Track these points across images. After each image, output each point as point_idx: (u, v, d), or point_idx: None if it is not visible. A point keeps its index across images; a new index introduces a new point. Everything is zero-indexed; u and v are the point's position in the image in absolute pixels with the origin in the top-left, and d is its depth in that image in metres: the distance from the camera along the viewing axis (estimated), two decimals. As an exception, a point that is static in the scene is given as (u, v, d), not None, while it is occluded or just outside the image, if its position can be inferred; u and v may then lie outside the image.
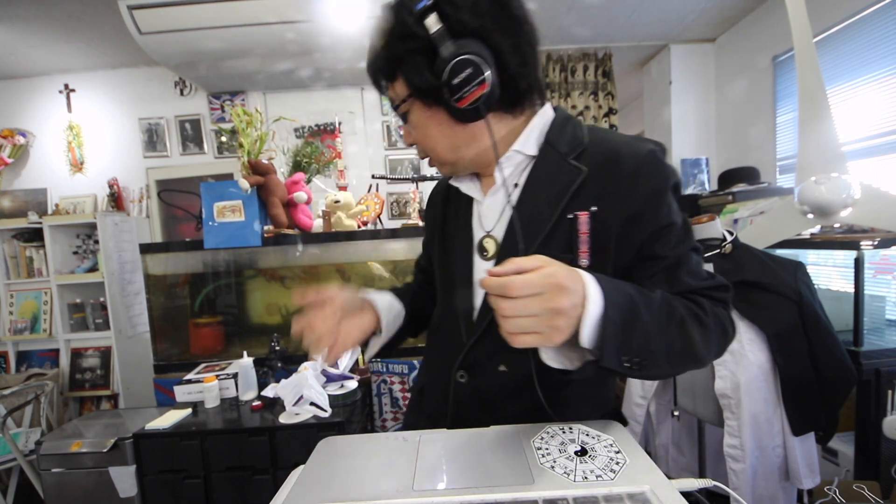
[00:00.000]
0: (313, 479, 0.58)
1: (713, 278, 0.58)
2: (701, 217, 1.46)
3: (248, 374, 1.89)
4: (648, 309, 0.49)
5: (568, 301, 0.44)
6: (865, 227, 1.57)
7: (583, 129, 0.62)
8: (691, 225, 0.61)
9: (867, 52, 2.00)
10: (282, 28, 2.20)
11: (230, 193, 1.98)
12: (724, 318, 0.55)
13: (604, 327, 0.46)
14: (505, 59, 0.54)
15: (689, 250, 0.57)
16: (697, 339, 0.51)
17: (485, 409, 0.67)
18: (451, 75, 0.51)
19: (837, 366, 1.24)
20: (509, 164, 0.62)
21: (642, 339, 0.48)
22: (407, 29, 0.53)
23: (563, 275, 0.45)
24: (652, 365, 0.49)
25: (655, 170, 0.56)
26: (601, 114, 3.17)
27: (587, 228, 0.56)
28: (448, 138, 0.60)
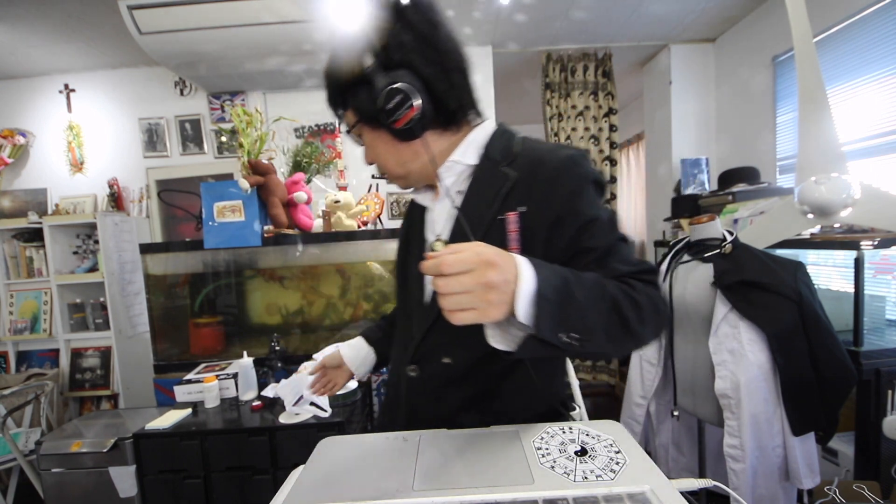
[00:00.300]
0: (313, 479, 0.58)
1: (642, 264, 0.62)
2: (701, 217, 1.46)
3: (248, 374, 1.89)
4: (582, 287, 0.53)
5: (498, 275, 0.48)
6: (865, 227, 1.57)
7: (516, 140, 0.70)
8: (618, 219, 0.66)
9: (867, 52, 2.00)
10: (282, 28, 2.19)
11: (230, 193, 1.98)
12: (654, 296, 0.58)
13: (538, 302, 0.49)
14: (432, 86, 0.63)
15: (617, 240, 0.62)
16: (631, 316, 0.54)
17: (434, 401, 0.72)
18: (385, 102, 0.60)
19: (837, 366, 1.23)
20: (451, 174, 0.70)
21: (578, 316, 0.51)
22: (348, 67, 0.64)
23: (493, 252, 0.49)
24: (593, 341, 0.52)
25: (573, 172, 0.63)
26: (601, 114, 3.17)
27: (516, 227, 0.63)
28: (395, 156, 0.69)
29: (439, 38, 0.64)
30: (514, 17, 2.64)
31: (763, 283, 1.26)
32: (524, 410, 0.71)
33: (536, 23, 2.73)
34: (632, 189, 4.41)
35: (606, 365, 3.31)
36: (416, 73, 0.62)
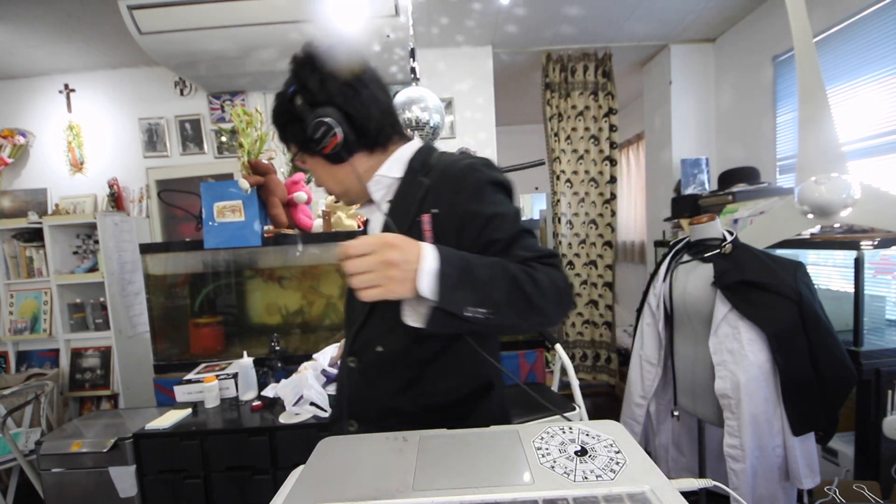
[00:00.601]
0: (313, 479, 0.58)
1: (543, 250, 0.69)
2: (701, 217, 1.46)
3: (248, 374, 1.89)
4: (484, 266, 0.60)
5: (397, 254, 0.55)
6: (865, 227, 1.57)
7: (433, 154, 0.81)
8: (520, 215, 0.74)
9: (867, 52, 2.00)
10: (282, 28, 2.19)
11: (230, 193, 1.98)
12: (554, 275, 0.64)
13: (440, 278, 0.56)
14: (352, 117, 0.74)
15: (520, 232, 0.69)
16: (531, 290, 0.60)
17: (371, 388, 0.80)
18: (313, 133, 0.72)
19: (837, 366, 1.23)
20: (380, 186, 0.81)
21: (481, 291, 0.58)
22: (283, 107, 0.78)
23: (395, 236, 0.57)
24: (498, 314, 0.59)
25: (472, 177, 0.72)
26: (601, 114, 3.17)
27: (429, 227, 0.72)
28: (332, 177, 0.81)
29: (357, 78, 0.76)
30: (514, 17, 2.64)
31: (763, 283, 1.26)
32: (450, 392, 0.78)
33: (536, 23, 2.73)
34: (632, 189, 4.41)
35: (606, 365, 3.31)
36: (337, 107, 0.73)
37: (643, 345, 1.59)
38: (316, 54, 0.75)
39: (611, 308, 3.28)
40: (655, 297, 1.55)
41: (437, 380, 0.77)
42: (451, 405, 0.78)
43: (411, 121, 1.79)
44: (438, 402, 0.77)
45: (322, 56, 0.75)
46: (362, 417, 0.81)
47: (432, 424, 0.73)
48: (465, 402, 0.79)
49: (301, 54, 0.76)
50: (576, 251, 3.29)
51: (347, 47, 0.77)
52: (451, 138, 2.98)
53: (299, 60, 0.76)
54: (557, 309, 0.64)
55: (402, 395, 0.78)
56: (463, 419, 0.76)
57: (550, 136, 3.22)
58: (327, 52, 0.75)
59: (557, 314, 0.65)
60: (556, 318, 0.66)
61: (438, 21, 2.61)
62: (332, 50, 0.76)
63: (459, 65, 2.99)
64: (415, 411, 0.77)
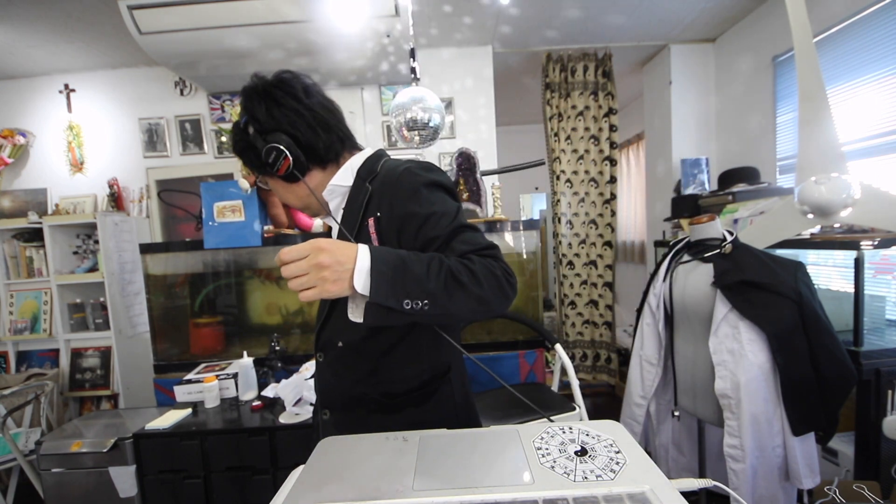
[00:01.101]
0: (313, 479, 0.58)
1: (482, 243, 0.72)
2: (701, 217, 1.46)
3: (248, 374, 1.89)
4: (419, 261, 0.64)
5: (328, 257, 0.60)
6: (865, 227, 1.57)
7: (381, 161, 0.86)
8: (460, 210, 0.77)
9: (867, 52, 2.00)
10: (282, 28, 2.20)
11: (230, 193, 1.98)
12: (490, 264, 0.68)
13: (373, 275, 0.61)
14: (300, 139, 0.81)
15: (459, 227, 0.73)
16: (466, 280, 0.64)
17: (336, 380, 0.87)
18: (266, 158, 0.79)
19: (837, 366, 1.23)
20: (335, 195, 0.87)
21: (416, 283, 0.62)
22: (239, 136, 0.84)
23: (327, 241, 0.62)
24: (436, 304, 0.63)
25: (408, 180, 0.77)
26: (601, 114, 3.17)
27: (374, 229, 0.79)
28: (292, 194, 0.88)
29: (301, 103, 0.82)
30: (514, 17, 2.64)
31: (763, 283, 1.26)
32: (409, 379, 0.84)
33: (536, 23, 2.73)
34: (632, 189, 4.41)
35: (606, 365, 3.31)
36: (285, 133, 0.80)
37: (643, 345, 1.59)
38: (262, 86, 0.81)
39: (611, 308, 3.28)
40: (655, 297, 1.55)
41: (395, 368, 0.83)
42: (411, 391, 0.84)
43: (412, 121, 1.79)
44: (399, 388, 0.83)
45: (267, 86, 0.81)
46: (332, 406, 0.89)
47: (394, 409, 0.83)
48: (425, 387, 0.85)
49: (249, 85, 0.82)
50: (576, 251, 3.29)
51: (296, 72, 0.85)
52: (451, 138, 2.98)
53: (248, 92, 0.82)
54: (498, 296, 0.67)
55: (364, 384, 0.84)
56: (424, 402, 0.84)
57: (550, 136, 3.22)
58: (273, 82, 0.82)
59: (498, 301, 0.68)
60: (497, 304, 0.68)
61: (438, 21, 2.61)
62: (279, 76, 0.83)
63: (459, 65, 2.99)
64: (377, 398, 0.84)
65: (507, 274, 0.70)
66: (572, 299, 3.31)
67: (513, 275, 0.71)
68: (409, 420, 0.81)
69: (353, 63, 2.59)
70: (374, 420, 0.83)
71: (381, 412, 0.83)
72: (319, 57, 2.47)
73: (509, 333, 2.17)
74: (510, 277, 0.70)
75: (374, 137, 2.98)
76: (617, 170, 3.24)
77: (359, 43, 2.37)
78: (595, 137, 3.20)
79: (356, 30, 2.25)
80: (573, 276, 3.30)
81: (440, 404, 0.85)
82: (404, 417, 0.82)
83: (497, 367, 2.08)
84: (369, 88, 2.99)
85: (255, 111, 0.81)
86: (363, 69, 2.70)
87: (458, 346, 0.85)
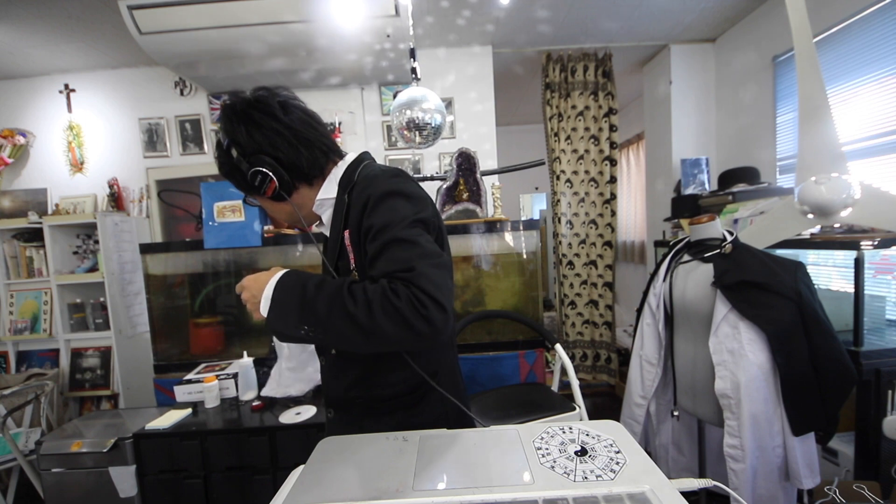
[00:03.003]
0: (313, 479, 0.58)
1: (403, 263, 0.69)
2: (701, 217, 1.46)
3: (248, 374, 1.89)
4: (318, 289, 0.67)
5: (246, 293, 0.73)
6: (865, 227, 1.57)
7: (359, 168, 0.86)
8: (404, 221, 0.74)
9: (867, 52, 2.00)
10: (282, 28, 2.19)
11: (230, 193, 1.98)
12: (394, 292, 0.64)
13: (272, 306, 0.69)
14: (283, 159, 0.82)
15: (390, 241, 0.71)
16: (355, 310, 0.64)
17: (335, 381, 0.91)
18: (252, 181, 0.81)
19: (837, 366, 1.23)
20: (326, 207, 0.88)
21: (308, 311, 0.66)
22: (224, 158, 0.84)
23: (248, 277, 0.74)
24: (325, 331, 0.66)
25: (364, 192, 0.78)
26: (601, 114, 3.17)
27: (349, 241, 0.82)
28: (281, 212, 0.90)
29: (280, 124, 0.81)
30: (514, 17, 2.64)
31: (763, 283, 1.26)
32: (396, 385, 0.86)
33: (536, 23, 2.73)
34: (632, 189, 4.41)
35: (606, 365, 3.31)
36: (267, 154, 0.81)
37: (643, 345, 1.59)
38: (239, 106, 0.81)
39: (611, 308, 3.28)
40: (655, 297, 1.55)
41: (382, 374, 0.86)
42: (399, 395, 0.86)
43: (413, 121, 1.79)
44: (388, 392, 0.86)
45: (245, 107, 0.81)
46: (334, 405, 0.94)
47: (386, 412, 0.86)
48: (414, 392, 0.87)
49: (228, 105, 0.83)
50: (576, 251, 3.29)
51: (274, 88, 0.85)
52: (451, 138, 2.98)
53: (227, 113, 0.82)
54: (397, 328, 0.62)
55: (356, 388, 0.88)
56: (413, 406, 0.86)
57: (550, 136, 3.22)
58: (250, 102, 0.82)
59: (399, 332, 0.62)
60: (398, 337, 0.63)
61: (438, 21, 2.61)
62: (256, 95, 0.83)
63: (459, 65, 2.99)
64: (368, 402, 0.87)
65: (415, 303, 0.62)
66: (572, 299, 3.31)
67: (428, 305, 0.63)
68: (400, 423, 0.84)
69: (353, 63, 2.59)
70: (368, 422, 0.87)
71: (374, 415, 0.87)
72: (319, 57, 2.47)
73: (509, 333, 2.17)
74: (420, 307, 0.62)
75: (374, 137, 2.98)
76: (617, 170, 3.24)
77: (358, 43, 2.37)
78: (595, 137, 3.19)
79: (356, 29, 2.25)
80: (573, 276, 3.30)
81: (430, 408, 0.87)
82: (395, 420, 0.85)
83: (497, 367, 2.07)
84: (369, 88, 2.99)
85: (235, 134, 0.81)
86: (363, 69, 2.70)
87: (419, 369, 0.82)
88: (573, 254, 3.29)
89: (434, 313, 0.63)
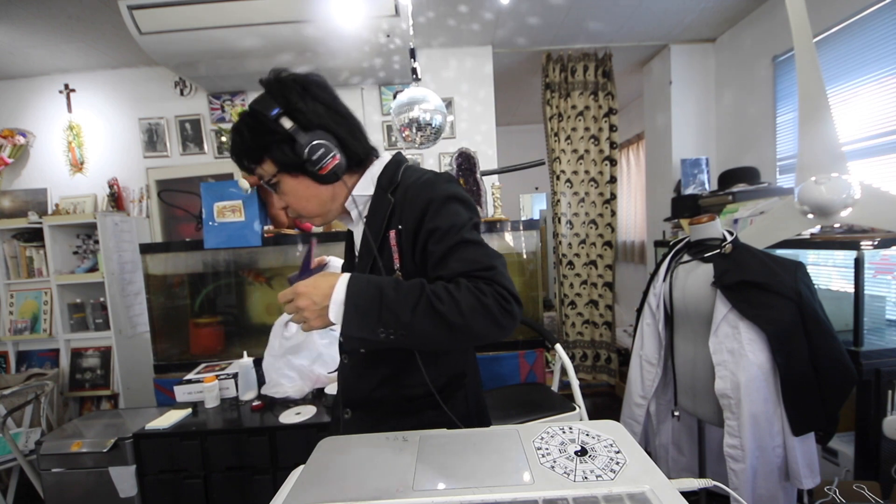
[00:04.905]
0: (313, 479, 0.58)
1: (479, 262, 0.71)
2: (701, 217, 1.46)
3: (248, 374, 1.89)
4: (397, 289, 0.66)
5: (304, 300, 0.67)
6: (865, 227, 1.57)
7: (401, 169, 0.85)
8: (470, 224, 0.76)
9: (867, 52, 2.00)
10: (282, 28, 2.19)
11: (230, 193, 1.98)
12: (481, 291, 0.66)
13: (346, 309, 0.66)
14: (343, 140, 0.81)
15: (459, 243, 0.72)
16: (446, 309, 0.64)
17: (358, 381, 0.89)
18: (310, 154, 0.76)
19: (837, 366, 1.23)
20: (357, 204, 0.86)
21: (390, 313, 0.65)
22: (267, 127, 0.77)
23: (304, 283, 0.69)
24: (411, 333, 0.65)
25: (423, 194, 0.77)
26: (601, 114, 3.17)
27: (395, 242, 0.80)
28: (316, 198, 0.85)
29: (338, 106, 0.82)
30: (514, 18, 2.64)
31: (763, 283, 1.26)
32: (422, 385, 0.84)
33: (536, 23, 2.73)
34: (632, 189, 4.41)
35: (606, 365, 3.31)
36: (330, 131, 0.79)
37: (643, 345, 1.59)
38: (299, 78, 0.79)
39: (611, 308, 3.28)
40: (655, 297, 1.55)
41: (413, 373, 0.84)
42: (427, 395, 0.84)
43: (413, 121, 1.79)
44: (416, 392, 0.84)
45: (304, 81, 0.79)
46: (354, 405, 0.91)
47: (413, 412, 0.85)
48: (442, 392, 0.85)
49: (282, 76, 0.79)
50: (576, 251, 3.29)
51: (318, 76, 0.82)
52: (451, 138, 2.98)
53: (284, 81, 0.78)
54: (486, 325, 0.65)
55: (384, 388, 0.86)
56: (439, 407, 0.84)
57: (550, 136, 3.22)
58: (308, 78, 0.80)
59: (488, 330, 0.66)
60: (486, 334, 0.66)
61: (438, 21, 2.61)
62: (308, 76, 0.81)
63: (459, 65, 2.99)
64: (397, 401, 0.86)
65: (500, 300, 0.67)
66: (572, 299, 3.31)
67: (511, 300, 0.67)
68: (425, 422, 0.84)
69: (353, 63, 2.59)
70: (393, 421, 0.84)
71: (400, 414, 0.85)
72: (319, 56, 2.47)
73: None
74: (505, 304, 0.66)
75: (374, 137, 2.98)
76: (617, 170, 3.24)
77: (359, 43, 2.37)
78: (595, 137, 3.19)
79: (356, 30, 2.25)
80: (573, 276, 3.30)
81: (455, 407, 0.87)
82: (421, 419, 0.85)
83: (497, 367, 2.08)
84: (369, 88, 2.99)
85: (294, 102, 0.76)
86: (363, 69, 2.70)
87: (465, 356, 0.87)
88: (573, 254, 3.29)
89: (515, 308, 0.67)
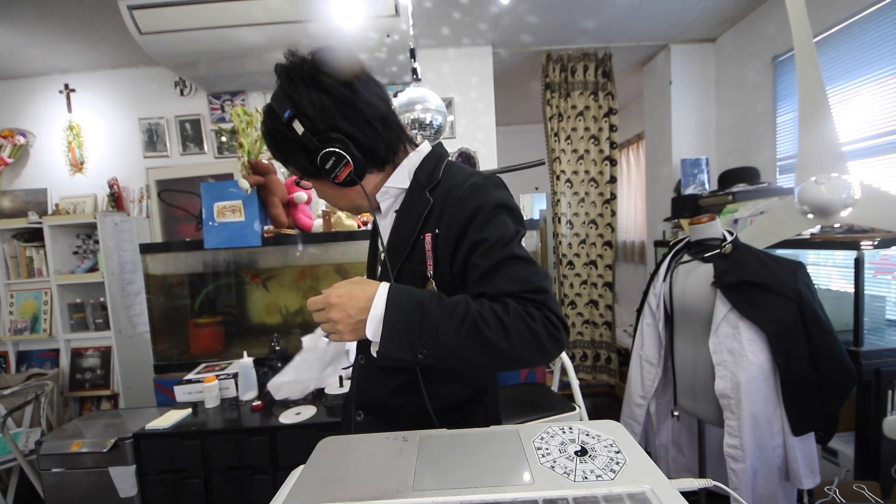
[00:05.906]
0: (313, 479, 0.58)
1: (530, 283, 0.65)
2: (701, 217, 1.46)
3: (248, 374, 1.89)
4: (442, 310, 0.61)
5: (338, 313, 0.62)
6: (865, 227, 1.57)
7: (441, 166, 0.78)
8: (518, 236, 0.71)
9: (867, 52, 2.00)
10: (282, 28, 2.19)
11: (230, 193, 1.98)
12: (531, 316, 0.62)
13: (385, 325, 0.60)
14: (360, 140, 0.71)
15: (506, 259, 0.66)
16: (492, 335, 0.60)
17: (374, 384, 0.84)
18: (322, 163, 0.69)
19: (837, 366, 1.23)
20: (388, 196, 0.80)
21: (432, 334, 0.60)
22: (282, 133, 0.71)
23: (337, 294, 0.62)
24: (451, 356, 0.61)
25: (471, 201, 0.70)
26: (601, 114, 3.17)
27: (430, 246, 0.73)
28: (343, 198, 0.80)
29: (357, 96, 0.70)
30: (514, 18, 2.64)
31: (763, 283, 1.26)
32: (445, 397, 0.79)
33: (536, 23, 2.73)
34: (632, 189, 4.41)
35: (606, 365, 3.31)
36: (343, 132, 0.69)
37: (643, 345, 1.59)
38: (306, 68, 0.68)
39: (611, 308, 3.28)
40: (655, 297, 1.55)
41: (433, 384, 0.78)
42: (446, 409, 0.79)
43: (414, 121, 1.79)
44: (435, 404, 0.78)
45: (312, 70, 0.68)
46: (368, 409, 0.85)
47: (429, 425, 0.76)
48: (460, 408, 0.81)
49: (287, 65, 0.69)
50: (576, 251, 3.29)
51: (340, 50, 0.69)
52: (451, 138, 2.98)
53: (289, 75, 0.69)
54: (533, 353, 0.62)
55: (400, 395, 0.80)
56: (458, 423, 0.76)
57: (550, 136, 3.22)
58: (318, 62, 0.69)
59: (534, 358, 0.63)
60: (532, 359, 0.63)
61: (439, 21, 2.61)
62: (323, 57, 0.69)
63: (459, 65, 2.99)
64: (412, 411, 0.79)
65: (551, 327, 0.62)
66: (572, 299, 3.31)
67: (560, 328, 0.63)
68: None
69: (353, 63, 2.59)
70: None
71: (415, 425, 0.77)
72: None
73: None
74: (555, 331, 0.62)
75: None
76: (617, 170, 3.24)
77: (359, 43, 2.37)
78: (595, 137, 3.19)
79: (356, 30, 2.25)
80: (573, 276, 3.30)
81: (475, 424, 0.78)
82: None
83: (497, 367, 2.07)
84: (369, 88, 2.99)
85: (301, 103, 0.68)
86: (363, 69, 2.70)
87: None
88: (573, 254, 3.29)
89: (563, 336, 0.63)
